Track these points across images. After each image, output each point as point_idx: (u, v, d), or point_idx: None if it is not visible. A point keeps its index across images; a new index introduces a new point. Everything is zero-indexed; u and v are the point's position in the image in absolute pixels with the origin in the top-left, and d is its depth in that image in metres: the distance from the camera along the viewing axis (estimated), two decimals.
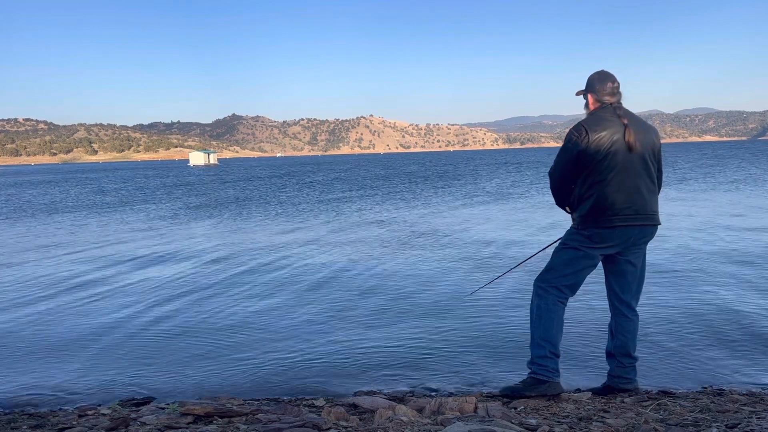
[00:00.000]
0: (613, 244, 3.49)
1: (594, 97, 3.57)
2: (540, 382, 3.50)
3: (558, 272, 3.55)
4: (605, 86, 3.54)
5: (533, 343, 3.56)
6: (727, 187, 20.51)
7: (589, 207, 3.44)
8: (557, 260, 3.58)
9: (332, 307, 6.20)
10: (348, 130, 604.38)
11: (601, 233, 3.45)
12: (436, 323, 5.47)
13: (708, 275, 7.03)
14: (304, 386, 4.13)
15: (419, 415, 3.08)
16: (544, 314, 3.52)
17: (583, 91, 3.66)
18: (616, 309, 3.65)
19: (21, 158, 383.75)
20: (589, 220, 3.46)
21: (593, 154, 3.38)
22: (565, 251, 3.56)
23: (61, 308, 6.51)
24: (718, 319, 5.25)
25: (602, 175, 3.39)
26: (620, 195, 3.43)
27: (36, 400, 4.02)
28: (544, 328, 3.51)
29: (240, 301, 6.60)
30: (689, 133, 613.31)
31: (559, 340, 3.55)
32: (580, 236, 3.51)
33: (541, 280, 3.61)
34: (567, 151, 3.47)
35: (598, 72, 3.62)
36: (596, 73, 3.63)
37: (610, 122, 3.44)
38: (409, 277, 7.55)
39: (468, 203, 18.40)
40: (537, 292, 3.59)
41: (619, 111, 3.50)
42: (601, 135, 3.39)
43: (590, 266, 3.58)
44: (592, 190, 3.42)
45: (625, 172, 3.42)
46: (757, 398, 3.48)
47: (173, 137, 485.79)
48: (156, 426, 3.06)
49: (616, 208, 3.42)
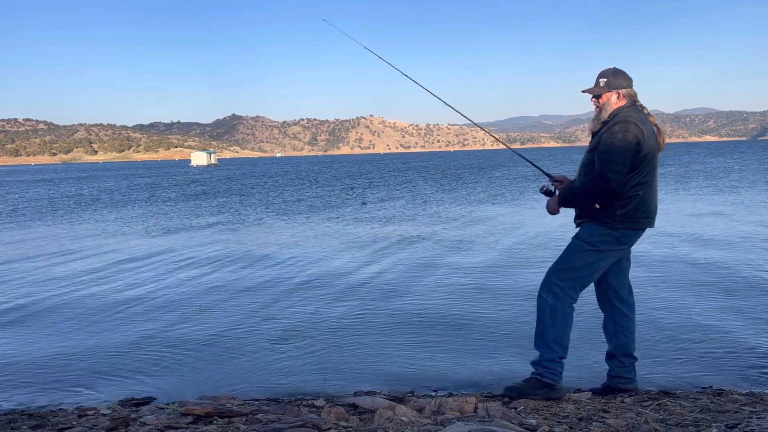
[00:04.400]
0: (631, 244, 3.50)
1: (621, 94, 3.45)
2: (546, 386, 3.46)
3: (578, 273, 3.47)
4: (631, 84, 3.49)
5: (543, 344, 3.48)
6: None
7: (632, 207, 3.37)
8: (580, 261, 3.46)
9: (332, 306, 6.20)
10: (348, 130, 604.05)
11: (630, 234, 3.43)
12: (437, 323, 5.47)
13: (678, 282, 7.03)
14: (304, 386, 4.13)
15: (419, 415, 3.08)
16: (559, 316, 3.45)
17: (602, 87, 3.47)
18: (615, 309, 3.62)
19: (21, 158, 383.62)
20: (626, 220, 3.39)
21: (645, 154, 3.34)
22: (590, 253, 3.44)
23: (61, 307, 6.51)
24: (714, 320, 5.26)
25: (646, 176, 3.37)
26: (653, 197, 3.46)
27: (36, 400, 4.01)
28: (558, 331, 3.45)
29: (240, 300, 6.60)
30: (689, 133, 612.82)
31: (568, 343, 3.51)
32: (609, 237, 3.41)
33: (560, 279, 3.47)
34: (629, 149, 3.29)
35: (618, 68, 3.51)
36: (616, 69, 3.50)
37: (647, 122, 3.40)
38: (412, 277, 7.55)
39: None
40: (554, 292, 3.47)
41: (646, 110, 3.47)
42: (648, 135, 3.36)
43: (605, 269, 3.55)
44: (636, 190, 3.36)
45: (655, 174, 3.45)
46: (757, 398, 3.48)
47: (173, 137, 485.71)
48: (156, 426, 3.06)
49: (650, 210, 3.44)
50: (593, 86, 3.54)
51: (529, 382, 3.51)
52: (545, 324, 3.47)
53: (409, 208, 17.37)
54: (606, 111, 3.47)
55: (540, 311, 3.51)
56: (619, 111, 3.43)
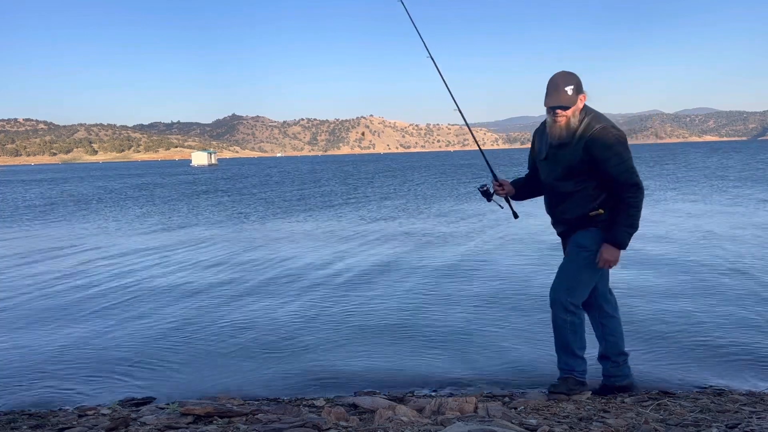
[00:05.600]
0: None
1: (583, 98, 3.42)
2: (579, 383, 3.60)
3: (587, 285, 3.54)
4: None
5: (570, 354, 3.57)
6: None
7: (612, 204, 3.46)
8: (587, 275, 3.51)
9: (332, 306, 6.20)
10: (348, 130, 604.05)
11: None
12: (436, 323, 5.47)
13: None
14: (304, 386, 4.13)
15: (419, 415, 3.08)
16: (578, 329, 3.55)
17: (572, 96, 3.36)
18: (602, 311, 3.65)
19: (21, 158, 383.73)
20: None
21: None
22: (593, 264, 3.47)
23: (61, 308, 6.52)
24: (712, 320, 5.26)
25: None
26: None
27: (36, 400, 4.02)
28: (580, 340, 3.56)
29: (240, 301, 6.60)
30: (689, 133, 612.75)
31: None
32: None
33: (573, 297, 3.49)
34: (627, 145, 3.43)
35: (566, 71, 3.42)
36: (569, 72, 3.41)
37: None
38: (414, 278, 7.56)
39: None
40: (570, 311, 3.50)
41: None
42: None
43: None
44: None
45: None
46: (757, 398, 3.48)
47: (173, 137, 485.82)
48: (156, 426, 3.06)
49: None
50: (559, 96, 3.36)
51: (567, 381, 3.60)
52: (568, 339, 3.55)
53: (418, 204, 17.37)
54: (576, 117, 3.40)
55: (560, 328, 3.56)
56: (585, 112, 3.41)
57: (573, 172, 3.43)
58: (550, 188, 3.61)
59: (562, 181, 3.50)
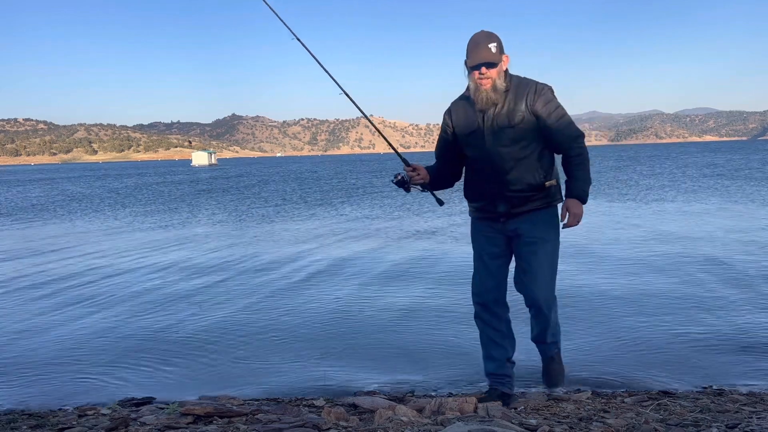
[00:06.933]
0: None
1: (506, 59, 3.18)
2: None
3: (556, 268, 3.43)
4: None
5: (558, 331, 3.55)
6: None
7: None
8: (555, 265, 3.38)
9: (332, 306, 6.20)
10: (348, 130, 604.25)
11: None
12: (436, 323, 5.48)
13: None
14: (304, 386, 4.13)
15: (419, 415, 3.08)
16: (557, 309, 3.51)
17: (497, 54, 3.11)
18: (506, 308, 3.55)
19: (21, 158, 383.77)
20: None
21: None
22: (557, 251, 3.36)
23: (59, 308, 6.52)
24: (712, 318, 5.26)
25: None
26: None
27: (36, 400, 4.02)
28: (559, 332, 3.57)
29: (240, 301, 6.60)
30: (689, 133, 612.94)
31: None
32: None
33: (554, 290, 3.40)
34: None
35: (485, 30, 3.19)
36: (489, 31, 3.16)
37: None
38: (413, 277, 7.56)
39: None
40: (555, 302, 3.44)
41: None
42: None
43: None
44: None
45: None
46: (757, 398, 3.48)
47: (173, 137, 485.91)
48: (156, 426, 3.06)
49: None
50: (483, 52, 3.09)
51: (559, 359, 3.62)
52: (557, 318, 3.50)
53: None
54: (502, 79, 3.15)
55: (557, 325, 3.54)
56: (509, 75, 3.21)
57: (518, 134, 3.16)
58: (494, 159, 3.21)
59: (508, 147, 3.18)
